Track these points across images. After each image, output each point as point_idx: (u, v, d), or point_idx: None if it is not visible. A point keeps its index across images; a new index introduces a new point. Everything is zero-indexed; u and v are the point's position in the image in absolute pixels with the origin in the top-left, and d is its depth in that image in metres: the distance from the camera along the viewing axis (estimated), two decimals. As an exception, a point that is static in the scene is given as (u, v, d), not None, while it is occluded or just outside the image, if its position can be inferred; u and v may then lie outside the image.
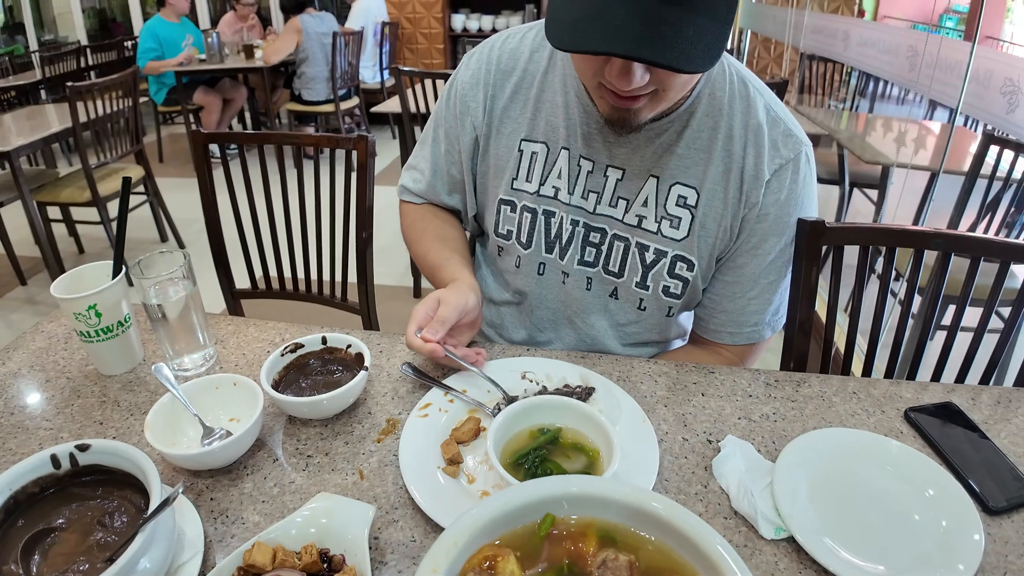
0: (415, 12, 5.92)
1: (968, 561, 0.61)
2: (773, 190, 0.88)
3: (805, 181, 0.90)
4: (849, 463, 0.74)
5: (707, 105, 0.88)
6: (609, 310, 0.99)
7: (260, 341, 0.98)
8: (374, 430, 0.79)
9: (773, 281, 0.96)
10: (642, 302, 0.97)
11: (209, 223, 1.49)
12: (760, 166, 0.87)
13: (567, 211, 0.95)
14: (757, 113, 0.87)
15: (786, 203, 0.89)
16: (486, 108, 0.97)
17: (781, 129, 0.88)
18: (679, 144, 0.89)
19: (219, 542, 0.65)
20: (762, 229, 0.90)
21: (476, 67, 0.98)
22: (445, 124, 1.02)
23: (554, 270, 0.99)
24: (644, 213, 0.92)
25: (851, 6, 4.63)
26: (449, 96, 1.01)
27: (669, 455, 0.75)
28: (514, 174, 0.97)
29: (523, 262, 1.00)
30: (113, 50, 6.26)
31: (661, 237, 0.92)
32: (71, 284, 0.89)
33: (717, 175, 0.88)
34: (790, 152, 0.88)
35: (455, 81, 1.01)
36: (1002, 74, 1.76)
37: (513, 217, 0.99)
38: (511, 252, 1.01)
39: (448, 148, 1.03)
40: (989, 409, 0.85)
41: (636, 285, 0.95)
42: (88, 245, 3.64)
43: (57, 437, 0.79)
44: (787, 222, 0.91)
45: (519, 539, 0.52)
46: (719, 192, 0.89)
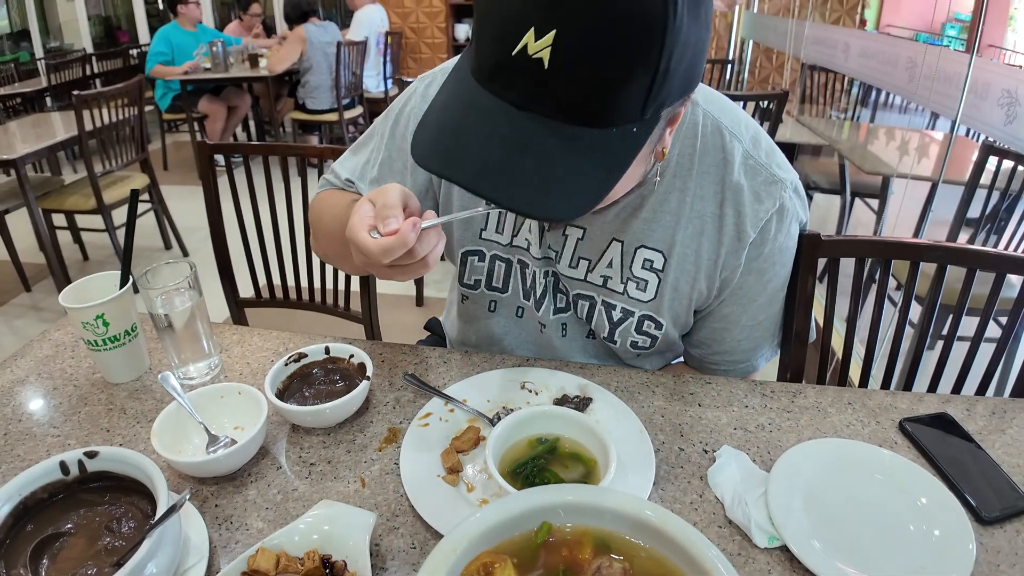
0: (419, 22, 5.97)
1: (960, 570, 0.62)
2: (757, 244, 0.83)
3: (791, 223, 0.85)
4: (843, 473, 0.75)
5: (675, 165, 0.81)
6: (588, 349, 0.99)
7: (264, 351, 0.99)
8: (376, 439, 0.81)
9: (762, 321, 0.93)
10: (614, 350, 0.95)
11: (213, 232, 1.51)
12: (742, 226, 0.81)
13: (538, 265, 0.92)
14: (734, 168, 0.80)
15: (770, 255, 0.85)
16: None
17: (762, 177, 0.81)
18: (643, 209, 0.83)
19: (223, 548, 0.66)
20: (747, 282, 0.87)
21: (426, 92, 0.90)
22: (384, 152, 0.93)
23: (531, 318, 0.97)
24: (609, 274, 0.88)
25: (853, 16, 4.66)
26: (397, 123, 0.92)
27: (665, 464, 0.77)
28: (483, 224, 0.93)
29: (499, 305, 0.98)
30: (119, 58, 6.31)
31: (628, 298, 0.88)
32: (79, 293, 0.91)
33: (687, 237, 0.83)
34: (773, 202, 0.81)
35: (405, 109, 0.91)
36: (1000, 85, 1.78)
37: (482, 266, 0.95)
38: (479, 301, 0.98)
39: (379, 163, 0.94)
40: (984, 420, 0.86)
41: (604, 338, 0.92)
42: (93, 252, 3.66)
43: (64, 444, 0.81)
44: (776, 272, 0.88)
45: (516, 546, 0.53)
46: (690, 255, 0.84)
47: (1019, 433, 0.84)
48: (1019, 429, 0.85)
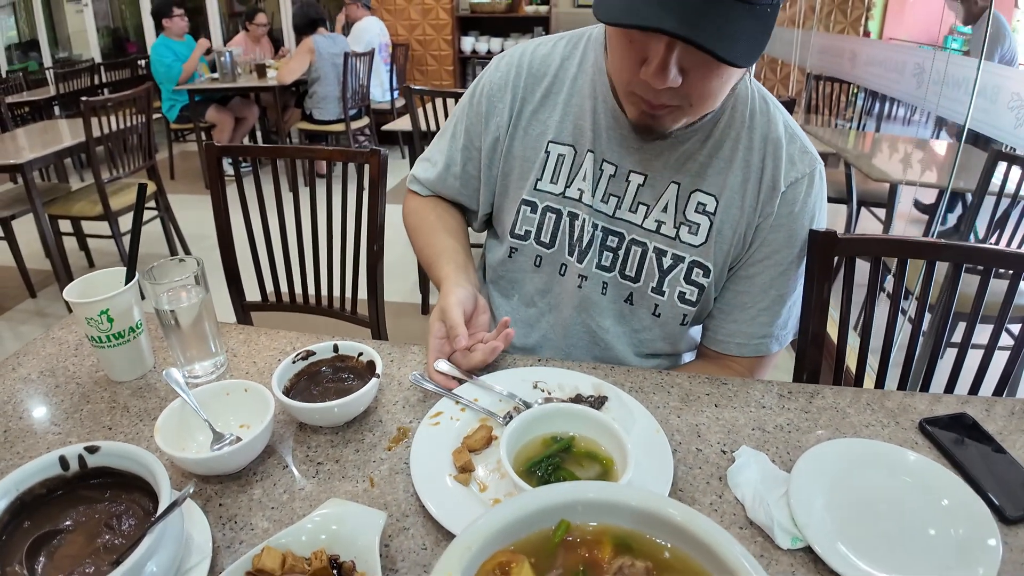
0: (425, 34, 6.00)
1: (986, 570, 0.60)
2: (788, 201, 0.91)
3: (818, 196, 0.93)
4: (865, 473, 0.73)
5: (729, 117, 0.91)
6: (624, 316, 0.99)
7: (271, 350, 0.98)
8: (385, 438, 0.79)
9: (783, 294, 0.96)
10: (657, 308, 0.97)
11: (221, 236, 1.50)
12: (777, 177, 0.90)
13: (589, 214, 0.96)
14: (777, 128, 0.91)
15: (799, 215, 0.92)
16: (513, 110, 0.99)
17: (798, 145, 0.92)
18: (701, 152, 0.91)
19: (227, 548, 0.64)
20: (774, 239, 0.93)
21: (506, 70, 1.00)
22: (467, 120, 1.04)
23: (572, 273, 0.99)
24: (663, 219, 0.93)
25: (856, 28, 4.67)
26: (474, 95, 1.03)
27: (683, 465, 0.75)
28: (539, 175, 0.98)
29: (544, 261, 1.01)
30: (127, 68, 6.36)
31: (679, 243, 0.93)
32: (84, 289, 0.89)
33: (736, 184, 0.91)
34: (806, 167, 0.91)
35: (482, 81, 1.03)
36: (1010, 89, 1.77)
37: (533, 218, 0.99)
38: (526, 253, 1.02)
39: (467, 144, 1.04)
40: (1004, 420, 0.84)
41: (652, 290, 0.96)
42: (99, 259, 3.66)
43: (65, 441, 0.79)
44: (799, 235, 0.94)
45: (533, 545, 0.51)
46: (736, 200, 0.91)
47: None
48: None
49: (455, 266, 0.98)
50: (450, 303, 0.88)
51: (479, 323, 0.92)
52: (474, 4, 5.88)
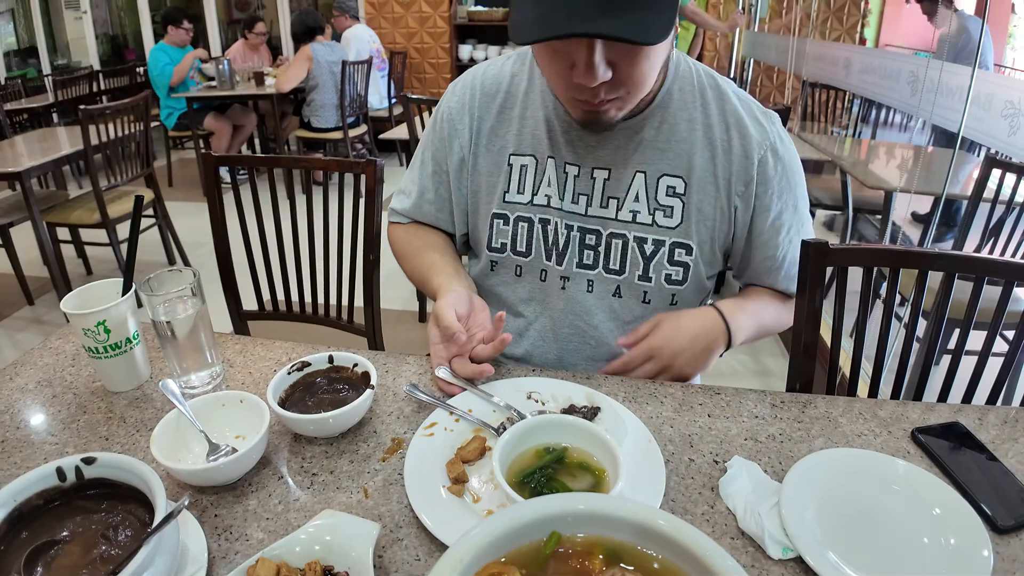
0: (423, 43, 6.03)
1: None
2: (765, 164, 0.95)
3: (788, 145, 0.98)
4: (856, 483, 0.73)
5: (679, 99, 0.95)
6: (613, 309, 1.01)
7: (267, 360, 0.98)
8: (379, 449, 0.79)
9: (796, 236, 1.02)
10: (646, 295, 1.00)
11: (218, 245, 1.50)
12: (747, 148, 0.94)
13: (561, 216, 0.99)
14: (731, 100, 0.96)
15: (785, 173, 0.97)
16: (472, 129, 1.02)
17: (754, 106, 0.97)
18: (658, 139, 0.95)
19: (222, 558, 0.64)
20: (772, 204, 0.97)
21: (462, 92, 1.04)
22: (432, 147, 1.08)
23: (554, 276, 1.02)
24: (637, 208, 0.97)
25: (852, 35, 4.70)
26: (435, 121, 1.07)
27: (675, 475, 0.75)
28: (505, 187, 1.01)
29: (525, 270, 1.04)
30: (125, 75, 6.38)
31: (656, 227, 0.96)
32: (81, 300, 0.90)
33: (704, 162, 0.94)
34: (771, 130, 0.96)
35: (441, 107, 1.07)
36: (1003, 97, 1.78)
37: (507, 230, 1.02)
38: (506, 265, 1.04)
39: (435, 169, 1.08)
40: (996, 429, 0.85)
41: (639, 279, 0.98)
42: (96, 267, 3.66)
43: (62, 452, 0.79)
44: (789, 185, 0.98)
45: (524, 557, 0.52)
46: (709, 177, 0.95)
47: None
48: None
49: (445, 275, 0.99)
50: (441, 306, 0.90)
51: (478, 321, 0.93)
52: (472, 12, 5.90)
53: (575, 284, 1.01)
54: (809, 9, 4.21)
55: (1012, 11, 3.30)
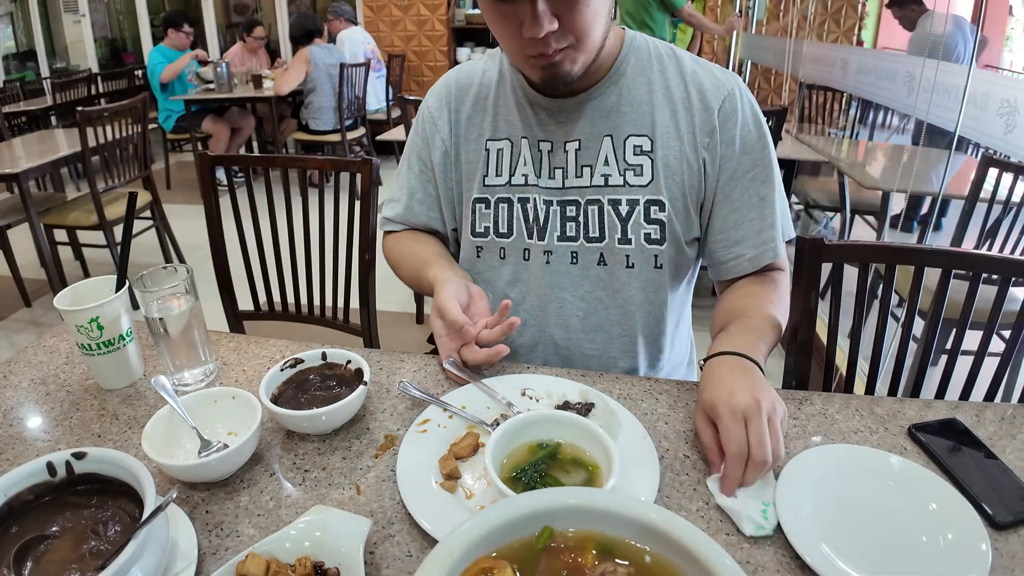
0: (421, 45, 6.04)
1: (977, 573, 0.60)
2: (727, 115, 0.97)
3: (750, 101, 1.00)
4: (853, 479, 0.73)
5: (635, 67, 1.00)
6: (600, 278, 1.03)
7: (260, 358, 0.98)
8: (372, 446, 0.79)
9: (764, 196, 0.99)
10: (629, 259, 1.01)
11: (214, 245, 1.50)
12: (706, 100, 0.97)
13: (539, 193, 1.02)
14: (686, 64, 1.00)
15: (744, 123, 0.98)
16: (451, 121, 1.07)
17: (714, 70, 1.00)
18: (621, 104, 0.99)
19: (213, 554, 0.64)
20: (730, 154, 0.98)
21: (438, 92, 1.10)
22: (416, 148, 1.12)
23: (537, 253, 1.04)
24: (607, 171, 0.99)
25: (850, 37, 4.70)
26: (417, 124, 1.12)
27: (670, 472, 0.74)
28: (485, 172, 1.05)
29: (508, 252, 1.06)
30: (124, 78, 6.38)
31: (628, 187, 0.99)
32: (74, 297, 0.90)
33: (665, 119, 0.98)
34: (729, 83, 0.98)
35: (422, 110, 1.12)
36: (999, 95, 1.78)
37: (488, 213, 1.05)
38: (490, 248, 1.07)
39: (421, 168, 1.11)
40: (994, 425, 0.84)
41: (619, 242, 1.00)
42: (94, 269, 3.65)
43: (55, 448, 0.79)
44: (751, 140, 0.98)
45: (516, 552, 0.51)
46: (672, 132, 0.98)
47: None
48: None
49: (440, 267, 1.00)
50: (443, 298, 0.90)
51: (478, 310, 0.94)
52: (469, 15, 5.91)
53: (559, 258, 1.03)
54: (806, 12, 4.21)
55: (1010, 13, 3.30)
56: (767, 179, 0.99)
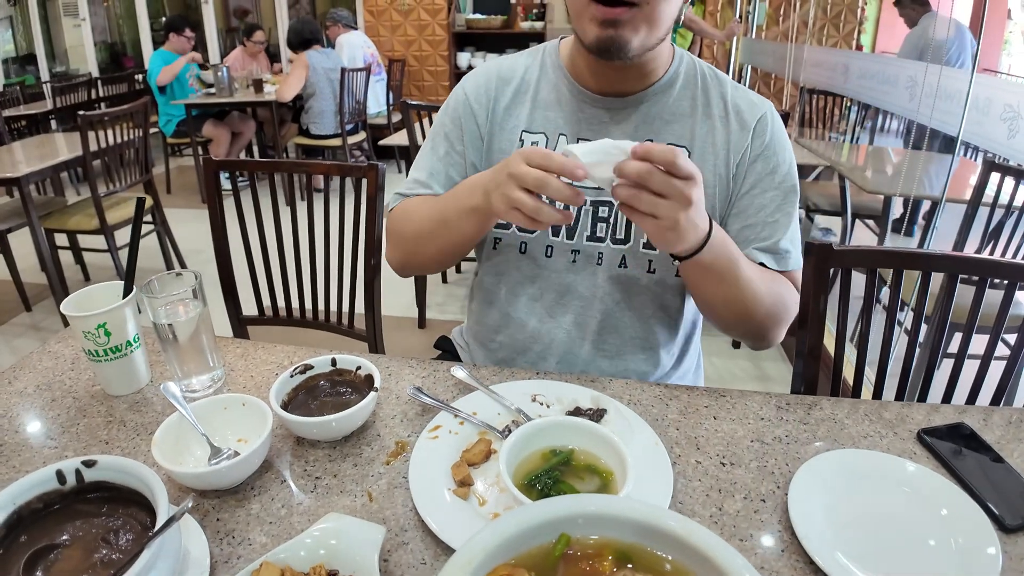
0: (421, 50, 6.05)
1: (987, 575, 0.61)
2: (759, 134, 1.00)
3: (781, 128, 1.03)
4: (863, 484, 0.73)
5: (683, 82, 1.02)
6: (620, 281, 1.03)
7: (268, 364, 0.98)
8: (383, 452, 0.78)
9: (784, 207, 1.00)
10: (651, 263, 1.01)
11: (218, 251, 1.50)
12: (743, 119, 1.00)
13: None
14: (727, 85, 1.03)
15: (771, 144, 1.00)
16: (489, 109, 1.06)
17: (750, 95, 1.03)
18: (664, 112, 1.01)
19: (224, 563, 0.64)
20: (757, 169, 1.00)
21: (477, 80, 1.09)
22: (445, 129, 1.09)
23: (562, 251, 1.03)
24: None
25: (849, 41, 4.72)
26: (450, 105, 1.10)
27: (683, 478, 0.74)
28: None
29: (529, 247, 1.04)
30: (124, 82, 6.38)
31: None
32: (81, 303, 0.89)
33: (703, 132, 1.00)
34: (763, 105, 1.02)
35: (457, 92, 1.10)
36: (1002, 100, 1.79)
37: None
38: (510, 241, 1.05)
39: (448, 150, 1.08)
40: (1001, 429, 0.85)
41: (644, 246, 1.00)
42: (95, 273, 3.65)
43: (62, 456, 0.79)
44: (778, 158, 1.00)
45: (534, 559, 0.51)
46: (708, 146, 1.00)
47: None
48: None
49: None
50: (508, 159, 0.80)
51: None
52: (470, 20, 5.93)
53: (585, 258, 1.03)
54: (806, 16, 4.23)
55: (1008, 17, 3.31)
56: (786, 199, 1.00)
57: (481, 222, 0.91)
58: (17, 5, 7.66)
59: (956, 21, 2.41)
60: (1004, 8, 3.00)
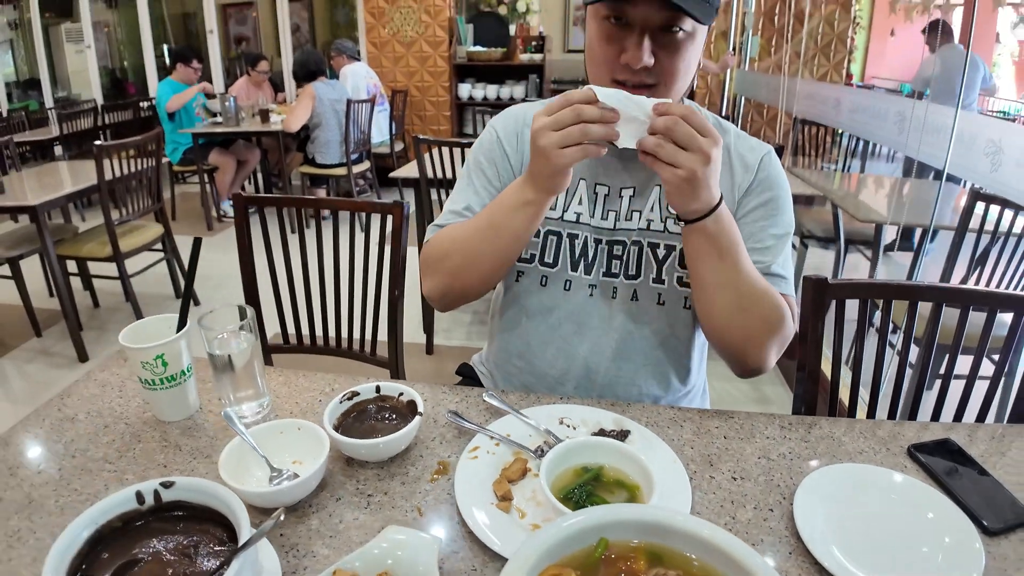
0: (423, 81, 6.19)
1: (972, 568, 0.70)
2: (760, 169, 1.08)
3: (777, 165, 1.10)
4: (859, 493, 0.82)
5: None
6: (632, 312, 1.10)
7: (311, 391, 1.05)
8: (427, 471, 0.86)
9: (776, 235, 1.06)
10: (660, 296, 1.09)
11: (246, 283, 1.57)
12: (746, 161, 1.08)
13: (590, 231, 1.10)
14: (729, 135, 1.11)
15: (766, 178, 1.08)
16: (519, 151, 1.14)
17: (752, 141, 1.12)
18: None
19: (293, 574, 0.70)
20: (751, 201, 1.07)
21: (505, 123, 1.16)
22: (481, 166, 1.14)
23: (580, 285, 1.11)
24: (651, 217, 1.09)
25: (839, 70, 4.86)
26: (484, 144, 1.16)
27: (699, 491, 0.82)
28: None
29: (550, 280, 1.12)
30: (128, 109, 6.48)
31: (668, 234, 1.07)
32: (135, 335, 0.95)
33: None
34: (763, 148, 1.10)
35: (490, 133, 1.16)
36: (985, 136, 1.89)
37: (536, 242, 1.11)
38: (532, 275, 1.13)
39: (485, 184, 1.13)
40: (985, 444, 0.94)
41: (653, 281, 1.08)
42: (104, 300, 3.71)
43: (122, 479, 0.84)
44: (772, 192, 1.07)
45: (578, 561, 0.59)
46: None
47: (1019, 455, 0.92)
48: (1019, 451, 0.93)
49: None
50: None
51: None
52: (471, 52, 6.05)
53: (601, 292, 1.10)
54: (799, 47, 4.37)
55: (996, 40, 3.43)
56: (778, 227, 1.06)
57: (534, 213, 0.95)
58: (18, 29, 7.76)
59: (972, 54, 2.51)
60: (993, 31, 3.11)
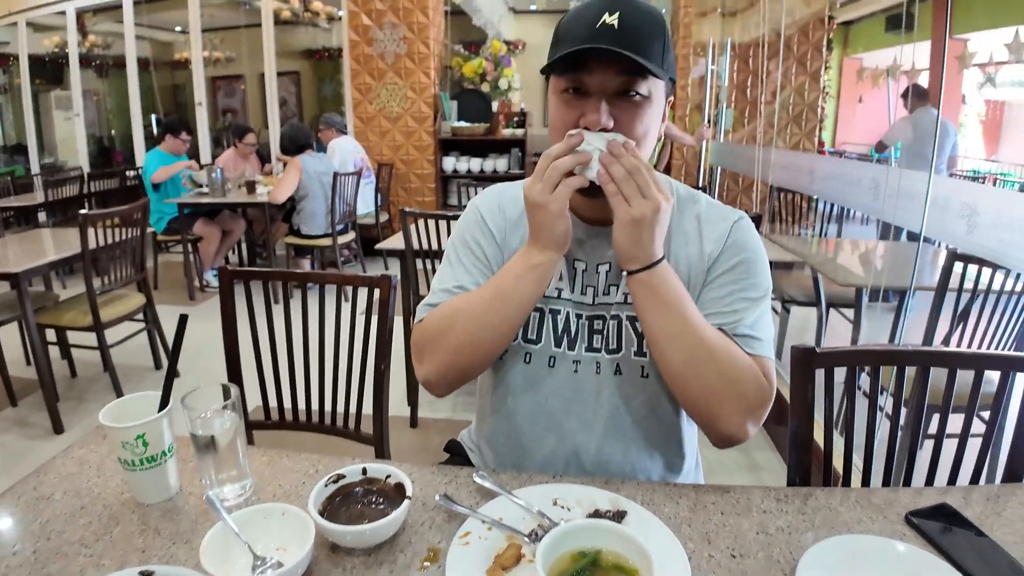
0: (409, 155, 6.37)
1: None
2: (733, 233, 1.08)
3: (752, 231, 1.10)
4: (862, 565, 0.80)
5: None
6: (617, 386, 1.09)
7: (295, 472, 1.02)
8: (416, 558, 0.82)
9: (746, 298, 1.04)
10: (643, 369, 1.08)
11: (229, 360, 1.54)
12: (718, 228, 1.08)
13: (571, 307, 1.10)
14: (702, 203, 1.12)
15: (735, 243, 1.07)
16: (501, 228, 1.15)
17: (723, 209, 1.12)
18: None
19: (275, 672, 0.67)
20: (719, 267, 1.07)
21: (489, 202, 1.18)
22: (468, 245, 1.15)
23: (564, 361, 1.10)
24: (628, 291, 1.05)
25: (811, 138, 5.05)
26: (468, 223, 1.18)
27: (698, 571, 0.80)
28: None
29: (534, 357, 1.11)
30: (115, 178, 6.51)
31: None
32: (117, 413, 0.93)
33: (678, 247, 1.08)
34: (734, 215, 1.10)
35: (471, 212, 1.18)
36: (959, 199, 1.95)
37: None
38: (516, 352, 1.12)
39: (473, 261, 1.14)
40: (981, 506, 0.93)
41: (635, 354, 1.08)
42: (81, 369, 3.62)
43: (99, 564, 0.80)
44: (742, 256, 1.06)
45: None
46: (682, 260, 1.08)
47: (1014, 514, 0.92)
48: (1013, 511, 0.93)
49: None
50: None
51: None
52: (455, 128, 6.25)
53: (585, 367, 1.09)
54: (772, 118, 4.54)
55: (963, 101, 3.56)
56: (748, 290, 1.04)
57: (542, 275, 0.99)
58: (8, 94, 7.86)
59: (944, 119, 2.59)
60: (959, 93, 3.25)
